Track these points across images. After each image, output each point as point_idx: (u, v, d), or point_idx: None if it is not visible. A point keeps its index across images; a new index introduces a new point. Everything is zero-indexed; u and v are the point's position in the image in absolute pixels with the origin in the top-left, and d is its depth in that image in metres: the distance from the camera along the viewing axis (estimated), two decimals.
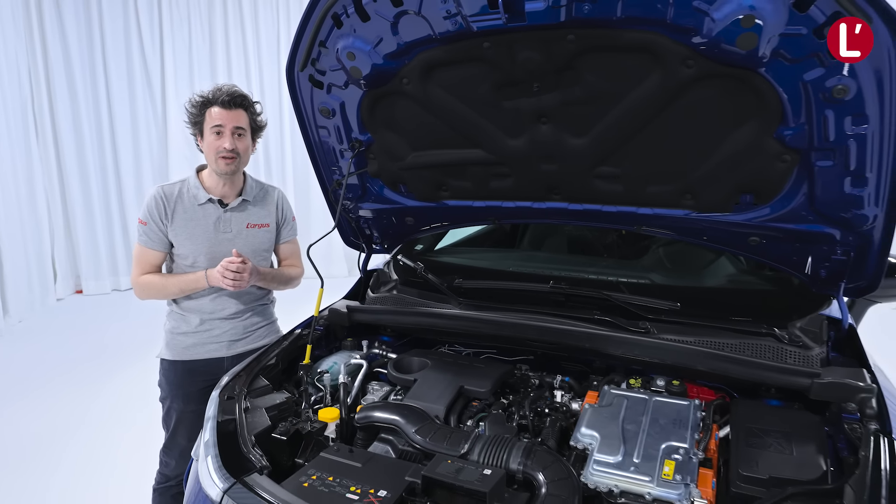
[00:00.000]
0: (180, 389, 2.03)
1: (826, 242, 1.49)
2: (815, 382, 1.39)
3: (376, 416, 1.51)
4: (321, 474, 1.29)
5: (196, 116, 1.96)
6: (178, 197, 1.98)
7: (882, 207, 1.34)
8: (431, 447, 1.37)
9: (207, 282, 1.90)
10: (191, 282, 1.93)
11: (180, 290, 1.95)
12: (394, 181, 1.93)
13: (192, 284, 1.93)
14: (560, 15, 1.28)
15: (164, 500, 2.11)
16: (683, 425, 1.39)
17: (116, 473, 2.96)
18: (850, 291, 1.58)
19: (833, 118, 1.24)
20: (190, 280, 1.93)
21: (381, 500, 1.20)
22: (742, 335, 1.60)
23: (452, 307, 1.93)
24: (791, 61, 1.19)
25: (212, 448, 1.39)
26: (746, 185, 1.48)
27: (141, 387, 4.01)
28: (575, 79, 1.44)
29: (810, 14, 1.11)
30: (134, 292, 2.00)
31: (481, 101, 1.59)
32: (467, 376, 1.66)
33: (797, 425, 1.35)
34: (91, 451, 3.20)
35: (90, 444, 3.29)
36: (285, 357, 1.81)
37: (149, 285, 1.96)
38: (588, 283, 1.87)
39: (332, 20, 1.51)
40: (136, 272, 1.97)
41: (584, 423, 1.43)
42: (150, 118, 6.69)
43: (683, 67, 1.31)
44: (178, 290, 1.95)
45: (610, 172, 1.61)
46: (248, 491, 1.23)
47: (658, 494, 1.21)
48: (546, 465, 1.27)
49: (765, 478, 1.21)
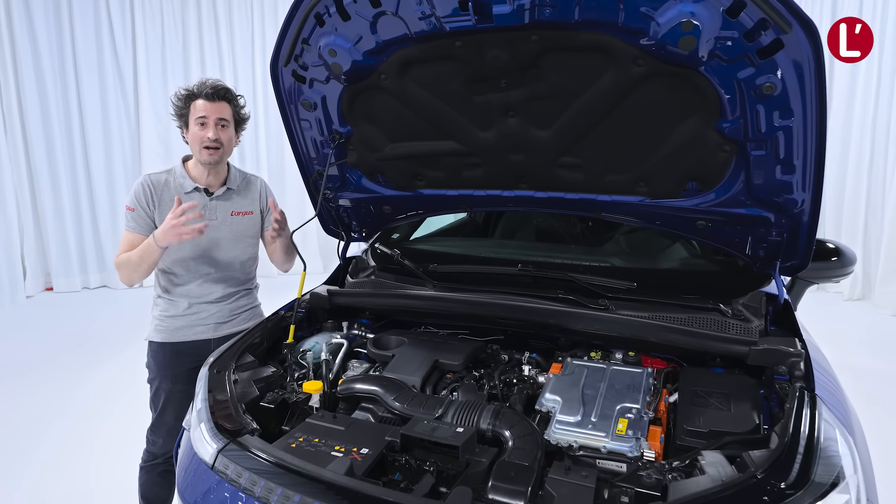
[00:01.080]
0: (169, 370, 2.11)
1: (763, 225, 1.66)
2: (752, 349, 1.55)
3: (357, 387, 1.62)
4: (307, 437, 1.40)
5: (181, 109, 2.04)
6: (164, 185, 2.06)
7: (808, 192, 1.51)
8: (409, 412, 1.49)
9: (156, 243, 1.93)
10: (145, 248, 1.97)
11: (140, 259, 1.99)
12: (372, 171, 2.05)
13: (148, 250, 1.97)
14: (524, 17, 1.42)
15: (150, 478, 2.19)
16: (637, 390, 1.54)
17: (95, 460, 3.01)
18: (785, 270, 1.76)
19: (764, 112, 1.40)
20: (143, 247, 1.98)
21: (363, 457, 1.32)
22: (691, 310, 1.76)
23: (428, 290, 2.05)
24: (726, 61, 1.35)
25: (204, 414, 1.49)
26: (692, 173, 1.64)
27: (118, 378, 4.08)
28: (539, 76, 1.58)
29: (741, 20, 1.27)
30: (119, 277, 2.07)
31: (454, 96, 1.72)
32: (442, 351, 1.79)
33: (736, 387, 1.51)
34: (70, 441, 3.23)
35: (68, 434, 3.32)
36: (269, 336, 1.91)
37: (120, 264, 2.03)
38: (553, 267, 2.01)
39: (314, 19, 1.62)
40: (117, 255, 2.06)
41: (548, 390, 1.57)
42: (121, 114, 6.63)
43: (634, 66, 1.46)
44: (138, 257, 1.99)
45: (571, 162, 1.76)
46: (240, 450, 1.33)
47: (612, 447, 1.36)
48: (513, 423, 1.40)
49: (705, 431, 1.36)
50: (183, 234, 1.88)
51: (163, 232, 1.90)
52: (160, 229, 1.91)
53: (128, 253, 2.03)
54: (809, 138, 1.40)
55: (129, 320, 5.48)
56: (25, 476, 2.91)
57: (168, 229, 1.88)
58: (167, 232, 1.89)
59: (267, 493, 1.22)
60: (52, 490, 2.78)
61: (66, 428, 3.40)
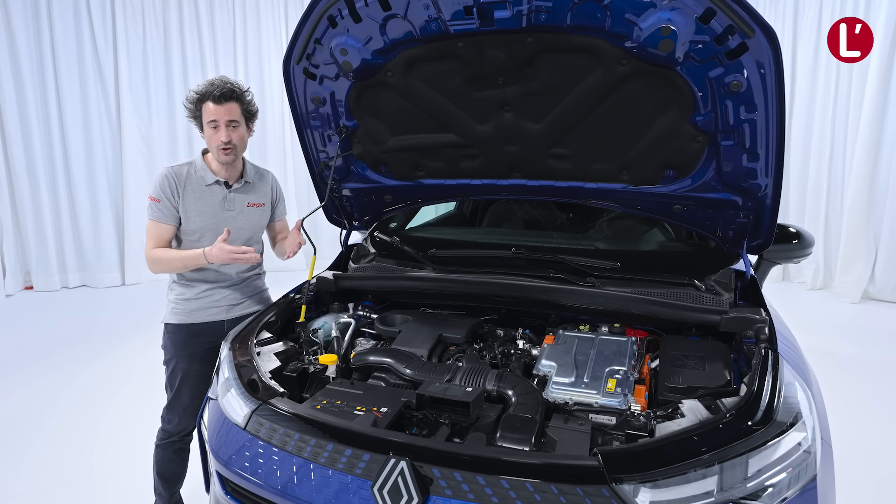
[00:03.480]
0: (185, 350, 2.22)
1: (732, 208, 1.87)
2: (724, 318, 1.75)
3: (371, 358, 1.77)
4: (330, 400, 1.55)
5: (194, 112, 2.15)
6: (186, 177, 2.18)
7: (771, 178, 1.71)
8: (420, 377, 1.65)
9: (206, 259, 2.09)
10: (192, 258, 2.11)
11: (183, 265, 2.14)
12: (375, 162, 2.20)
13: (193, 261, 2.12)
14: (522, 22, 1.59)
15: (167, 455, 2.29)
16: (623, 355, 1.73)
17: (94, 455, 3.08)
18: (751, 249, 1.96)
19: (731, 107, 1.60)
20: (191, 256, 2.11)
21: (383, 415, 1.47)
22: (669, 286, 1.95)
23: (428, 272, 2.20)
24: (699, 62, 1.54)
25: (233, 382, 1.62)
26: (670, 161, 1.83)
27: (109, 373, 4.14)
28: (533, 74, 1.75)
29: (711, 26, 1.46)
30: (147, 265, 2.19)
31: (454, 92, 1.89)
32: (445, 326, 1.95)
33: (709, 351, 1.70)
34: (64, 436, 3.28)
35: (62, 429, 3.37)
36: (281, 316, 2.05)
37: (158, 259, 2.15)
38: (544, 250, 2.19)
39: (327, 21, 1.76)
40: (149, 246, 2.16)
41: (543, 357, 1.75)
42: (102, 112, 6.60)
43: (619, 66, 1.64)
44: (182, 264, 2.14)
45: (561, 153, 1.94)
46: (272, 410, 1.48)
47: (603, 403, 1.54)
48: (515, 384, 1.58)
49: (684, 387, 1.55)
50: (236, 259, 2.06)
51: (217, 255, 2.06)
52: (213, 251, 2.06)
53: (167, 252, 2.15)
54: (771, 129, 1.60)
55: (110, 319, 5.52)
56: (22, 472, 2.97)
57: (222, 256, 2.05)
58: (221, 258, 2.06)
59: (301, 445, 1.37)
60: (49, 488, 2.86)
61: (58, 422, 3.45)
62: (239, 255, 2.03)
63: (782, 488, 1.22)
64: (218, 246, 2.05)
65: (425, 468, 1.24)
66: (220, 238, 2.06)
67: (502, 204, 3.02)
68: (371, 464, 1.28)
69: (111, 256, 6.83)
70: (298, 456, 1.37)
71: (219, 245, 2.05)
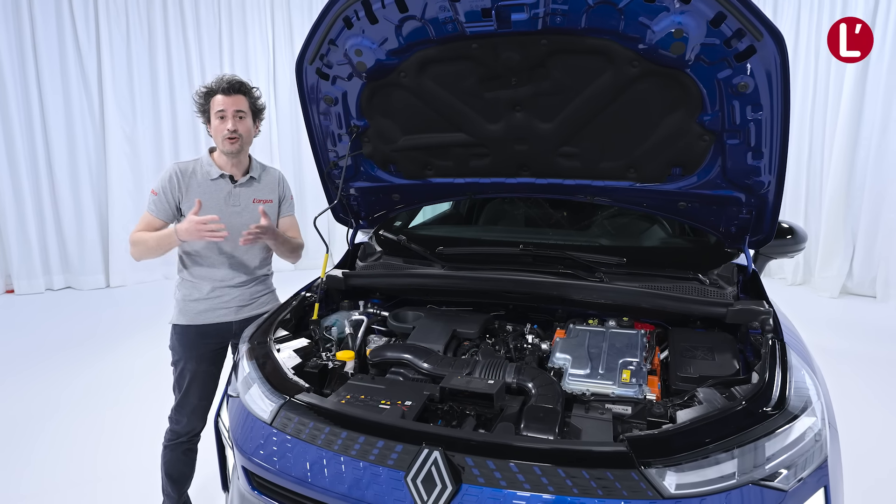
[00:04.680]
0: (194, 351, 2.22)
1: (735, 204, 1.93)
2: (730, 310, 1.81)
3: (389, 354, 1.80)
4: (354, 394, 1.58)
5: (203, 105, 2.17)
6: (192, 173, 2.18)
7: (774, 175, 1.78)
8: (439, 371, 1.68)
9: (177, 236, 2.06)
10: (164, 237, 2.10)
11: (157, 244, 2.12)
12: (385, 161, 2.23)
13: (166, 240, 2.10)
14: (538, 24, 1.63)
15: (175, 455, 2.29)
16: (634, 347, 1.79)
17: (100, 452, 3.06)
18: (752, 244, 2.04)
19: (738, 107, 1.66)
20: (164, 235, 2.10)
21: (409, 408, 1.50)
22: (674, 280, 2.01)
23: (437, 269, 2.23)
24: (709, 63, 1.60)
25: (256, 378, 1.64)
26: (676, 159, 1.89)
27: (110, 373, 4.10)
28: (545, 75, 1.80)
29: (721, 29, 1.52)
30: (129, 251, 2.18)
31: (467, 93, 1.93)
32: (458, 322, 1.99)
33: (717, 342, 1.76)
34: (67, 436, 3.25)
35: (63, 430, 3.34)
36: (295, 314, 2.06)
37: (137, 241, 2.14)
38: (551, 247, 2.23)
39: (343, 22, 1.79)
40: (134, 231, 2.17)
41: (557, 350, 1.80)
42: (85, 114, 6.49)
43: (630, 67, 1.70)
44: (156, 243, 2.12)
45: (570, 151, 1.99)
46: (300, 405, 1.50)
47: (620, 393, 1.59)
48: (534, 376, 1.62)
49: (696, 377, 1.60)
50: (204, 236, 2.01)
51: (185, 230, 2.02)
52: (183, 225, 2.02)
53: (146, 233, 2.14)
54: (775, 128, 1.67)
55: (96, 321, 5.45)
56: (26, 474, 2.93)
57: (190, 228, 2.00)
58: (189, 230, 2.01)
59: (331, 438, 1.39)
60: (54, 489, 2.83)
61: (58, 424, 3.41)
62: (207, 230, 1.97)
63: (797, 470, 1.28)
64: (188, 219, 2.01)
65: (457, 457, 1.28)
66: (192, 211, 2.03)
67: (498, 202, 3.06)
68: (403, 455, 1.31)
69: (95, 258, 6.74)
70: (329, 449, 1.39)
71: (189, 218, 2.01)
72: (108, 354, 4.55)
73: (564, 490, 1.21)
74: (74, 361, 4.40)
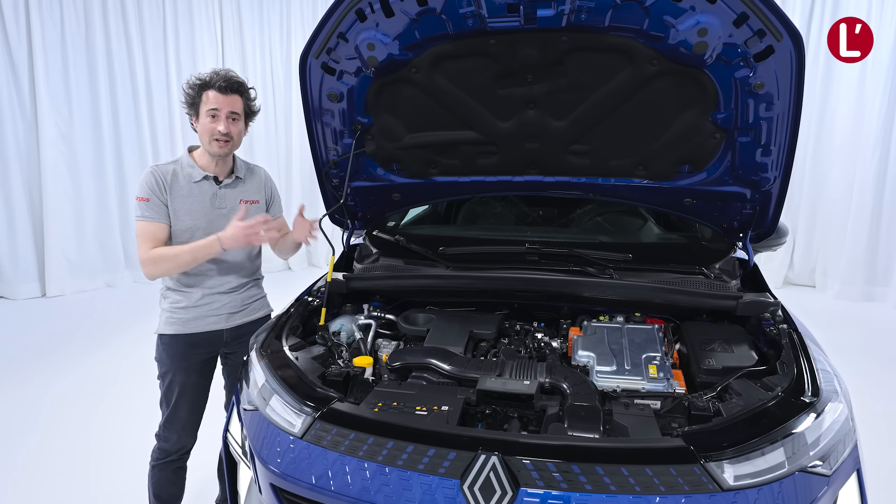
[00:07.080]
0: (182, 362, 2.07)
1: (740, 200, 1.99)
2: (740, 303, 1.87)
3: (410, 358, 1.74)
4: (385, 402, 1.51)
5: (193, 98, 2.01)
6: (173, 175, 2.02)
7: (779, 171, 1.85)
8: (466, 374, 1.64)
9: (221, 245, 1.95)
10: (203, 248, 1.95)
11: (193, 258, 1.96)
12: (388, 160, 2.16)
13: (205, 250, 1.95)
14: (563, 21, 1.62)
15: (164, 475, 2.13)
16: (653, 342, 1.81)
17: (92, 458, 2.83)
18: (753, 238, 2.11)
19: (752, 105, 1.71)
20: (202, 246, 1.95)
21: (448, 413, 1.45)
22: (680, 275, 2.05)
23: (441, 270, 2.18)
24: (727, 63, 1.64)
25: (277, 389, 1.54)
26: (686, 157, 1.93)
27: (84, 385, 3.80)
28: (562, 72, 1.79)
29: (743, 29, 1.55)
30: (143, 271, 1.97)
31: (479, 89, 1.89)
32: (473, 323, 1.95)
33: (731, 333, 1.81)
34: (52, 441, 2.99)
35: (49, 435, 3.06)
36: (301, 320, 1.97)
37: (161, 257, 1.96)
38: (554, 245, 2.23)
39: (355, 15, 1.72)
40: (144, 249, 1.96)
41: (579, 347, 1.79)
42: (15, 111, 5.96)
43: (649, 65, 1.71)
44: (192, 257, 1.96)
45: (581, 149, 1.99)
46: (336, 415, 1.42)
47: (650, 388, 1.61)
48: (566, 375, 1.61)
49: (719, 368, 1.64)
50: (252, 241, 1.96)
51: (232, 237, 1.93)
52: (228, 232, 1.94)
53: (174, 248, 1.98)
54: (786, 126, 1.73)
55: (31, 333, 5.06)
56: None
57: (237, 235, 1.93)
58: (236, 237, 1.93)
59: (375, 449, 1.33)
60: None
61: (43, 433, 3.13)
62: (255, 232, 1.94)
63: (837, 455, 1.33)
64: (233, 225, 1.94)
65: (513, 461, 1.25)
66: (237, 217, 1.96)
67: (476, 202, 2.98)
68: (456, 462, 1.26)
69: (29, 266, 6.24)
70: (372, 460, 1.32)
71: (233, 224, 1.94)
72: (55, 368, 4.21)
73: (626, 488, 1.20)
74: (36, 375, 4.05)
